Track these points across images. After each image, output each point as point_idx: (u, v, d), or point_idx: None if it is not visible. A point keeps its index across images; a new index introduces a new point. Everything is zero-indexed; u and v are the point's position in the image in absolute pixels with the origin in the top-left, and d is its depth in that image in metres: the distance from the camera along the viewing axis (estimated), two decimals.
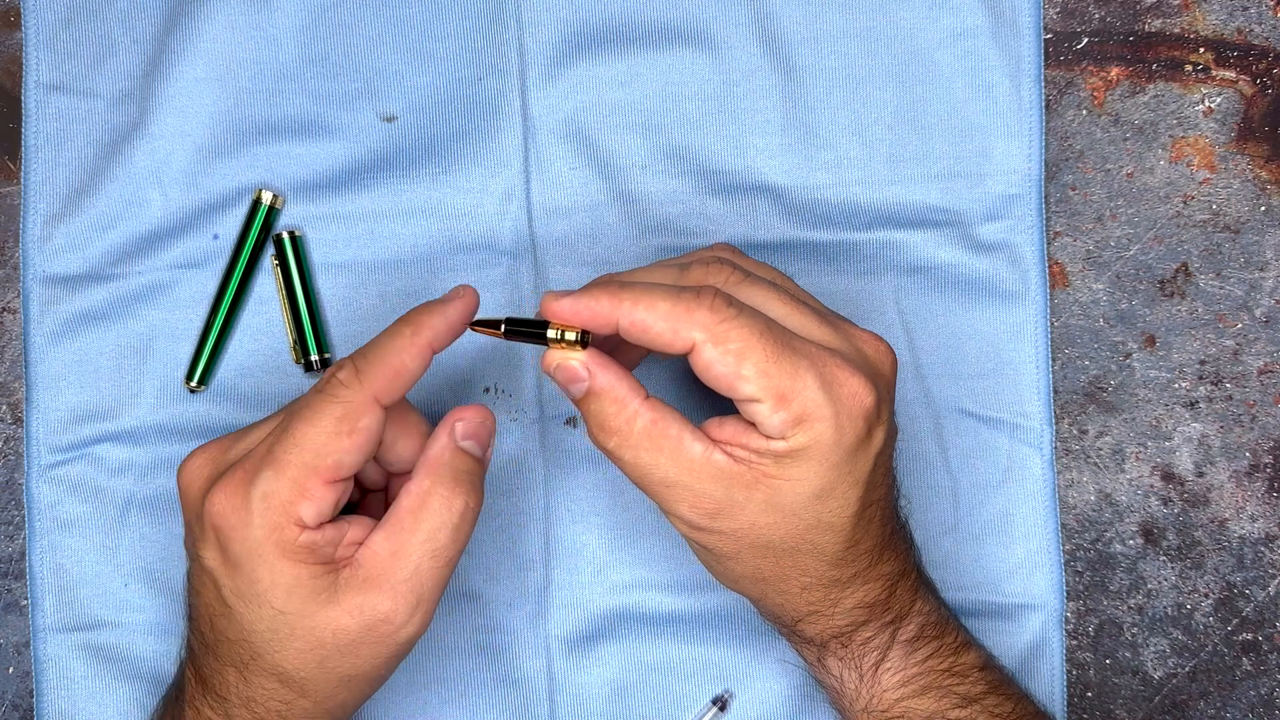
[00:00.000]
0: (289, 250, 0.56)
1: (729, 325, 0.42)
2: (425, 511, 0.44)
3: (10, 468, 0.58)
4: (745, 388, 0.42)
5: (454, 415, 0.46)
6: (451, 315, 0.45)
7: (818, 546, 0.45)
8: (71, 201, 0.56)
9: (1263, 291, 0.57)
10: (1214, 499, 0.57)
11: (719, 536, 0.45)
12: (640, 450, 0.44)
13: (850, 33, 0.57)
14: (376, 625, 0.44)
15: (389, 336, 0.45)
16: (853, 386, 0.43)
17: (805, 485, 0.43)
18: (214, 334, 0.56)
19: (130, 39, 0.57)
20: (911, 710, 0.48)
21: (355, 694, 0.46)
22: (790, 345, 0.43)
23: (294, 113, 0.57)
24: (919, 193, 0.57)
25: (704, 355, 0.42)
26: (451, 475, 0.45)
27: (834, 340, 0.45)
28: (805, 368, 0.43)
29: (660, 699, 0.57)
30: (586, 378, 0.44)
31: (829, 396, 0.43)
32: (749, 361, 0.42)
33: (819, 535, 0.45)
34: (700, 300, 0.43)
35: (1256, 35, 0.57)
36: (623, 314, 0.43)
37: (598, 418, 0.45)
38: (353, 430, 0.43)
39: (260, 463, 0.43)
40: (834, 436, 0.43)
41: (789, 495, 0.44)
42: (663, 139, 0.57)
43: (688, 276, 0.46)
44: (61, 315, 0.56)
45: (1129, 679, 0.58)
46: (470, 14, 0.57)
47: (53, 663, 0.56)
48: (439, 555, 0.44)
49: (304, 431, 0.43)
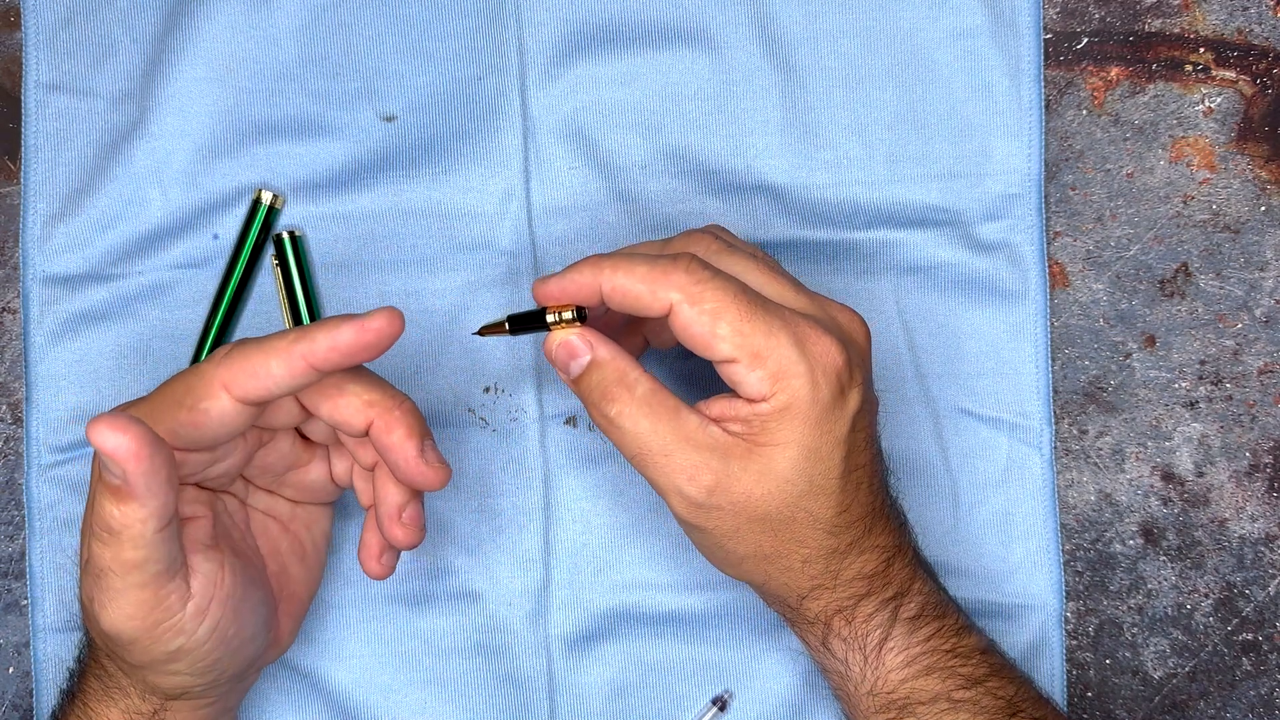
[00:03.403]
0: (289, 250, 0.56)
1: (704, 287, 0.44)
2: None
3: (10, 468, 0.58)
4: (721, 346, 0.44)
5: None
6: (342, 335, 0.43)
7: (812, 513, 0.46)
8: (71, 201, 0.56)
9: (1263, 291, 0.57)
10: (1214, 499, 0.57)
11: (717, 514, 0.46)
12: (640, 417, 0.45)
13: (850, 32, 0.57)
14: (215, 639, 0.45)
15: (275, 336, 0.44)
16: (824, 345, 0.45)
17: (793, 447, 0.45)
18: (214, 334, 0.56)
19: (130, 39, 0.57)
20: (916, 691, 0.48)
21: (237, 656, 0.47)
22: (764, 306, 0.44)
23: (294, 112, 0.57)
24: (919, 192, 0.57)
25: (681, 315, 0.44)
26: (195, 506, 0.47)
27: (808, 307, 0.47)
28: (778, 327, 0.44)
29: (660, 699, 0.57)
30: (587, 350, 0.46)
31: (802, 354, 0.44)
32: (724, 321, 0.44)
33: (811, 501, 0.46)
34: (677, 264, 0.44)
35: (1256, 35, 0.57)
36: (604, 280, 0.45)
37: (600, 387, 0.46)
38: (193, 407, 0.43)
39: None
40: (810, 393, 0.44)
41: (780, 460, 0.45)
42: (662, 139, 0.57)
43: (670, 246, 0.48)
44: (61, 315, 0.56)
45: (1129, 679, 0.58)
46: (470, 13, 0.57)
47: (53, 663, 0.56)
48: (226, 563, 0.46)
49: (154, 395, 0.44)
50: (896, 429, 0.57)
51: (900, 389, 0.57)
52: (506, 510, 0.57)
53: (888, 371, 0.57)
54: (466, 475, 0.57)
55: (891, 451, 0.54)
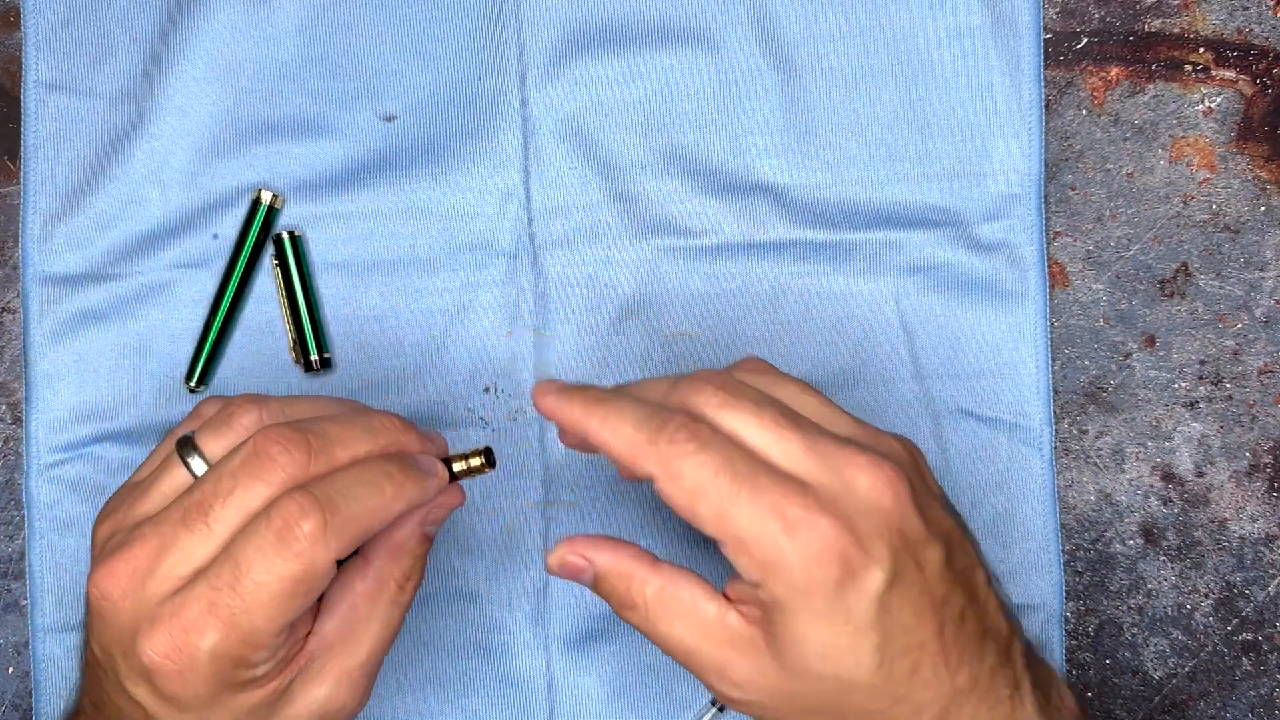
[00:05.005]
0: (289, 250, 0.56)
1: (685, 462, 0.39)
2: (382, 596, 0.44)
3: (10, 468, 0.58)
4: (704, 528, 0.39)
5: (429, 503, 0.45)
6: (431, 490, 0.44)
7: (862, 708, 0.40)
8: (71, 201, 0.56)
9: (1263, 291, 0.57)
10: (1214, 499, 0.57)
11: (758, 707, 0.41)
12: (658, 621, 0.41)
13: (850, 32, 0.57)
14: (330, 715, 0.43)
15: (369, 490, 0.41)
16: (817, 528, 0.38)
17: (807, 644, 0.39)
18: (214, 334, 0.56)
19: (130, 39, 0.57)
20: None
21: None
22: (752, 484, 0.38)
23: (294, 112, 0.57)
24: (919, 192, 0.57)
25: (660, 491, 0.40)
26: (410, 559, 0.44)
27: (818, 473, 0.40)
28: (765, 509, 0.38)
29: (659, 700, 0.57)
30: (588, 566, 0.42)
31: (790, 541, 0.38)
32: (703, 502, 0.39)
33: (850, 697, 0.40)
34: (663, 431, 0.39)
35: (1256, 35, 0.57)
36: (590, 431, 0.41)
37: (614, 597, 0.42)
38: (309, 592, 0.40)
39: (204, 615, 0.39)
40: (804, 584, 0.38)
41: (798, 658, 0.39)
42: (662, 139, 0.57)
43: (674, 391, 0.42)
44: (61, 315, 0.56)
45: (1129, 679, 0.58)
46: (470, 13, 0.57)
47: (52, 663, 0.56)
48: (389, 637, 0.44)
49: (253, 593, 0.39)
50: (895, 429, 0.56)
51: (899, 389, 0.57)
52: (506, 510, 0.57)
53: (886, 371, 0.57)
54: None
55: None
